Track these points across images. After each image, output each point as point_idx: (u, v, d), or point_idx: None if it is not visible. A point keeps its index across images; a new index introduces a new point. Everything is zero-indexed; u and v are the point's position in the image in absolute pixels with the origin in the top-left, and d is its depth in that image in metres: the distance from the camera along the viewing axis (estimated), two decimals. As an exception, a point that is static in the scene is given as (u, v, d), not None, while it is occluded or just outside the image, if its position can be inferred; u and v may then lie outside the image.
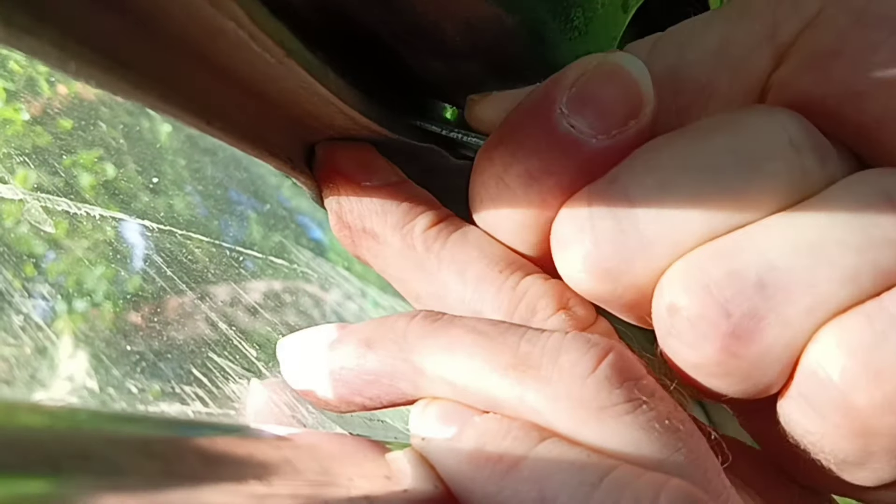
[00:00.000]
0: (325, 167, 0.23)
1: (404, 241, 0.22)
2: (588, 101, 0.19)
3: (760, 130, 0.18)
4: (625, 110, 0.19)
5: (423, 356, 0.19)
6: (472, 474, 0.17)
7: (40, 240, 0.29)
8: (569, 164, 0.20)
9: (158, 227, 0.35)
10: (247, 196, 0.46)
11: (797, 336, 0.17)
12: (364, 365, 0.19)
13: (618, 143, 0.19)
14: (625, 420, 0.17)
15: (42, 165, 0.31)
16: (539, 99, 0.20)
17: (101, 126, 0.37)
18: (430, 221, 0.22)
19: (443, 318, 0.19)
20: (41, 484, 0.10)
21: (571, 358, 0.17)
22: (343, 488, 0.16)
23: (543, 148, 0.20)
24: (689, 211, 0.18)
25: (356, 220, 0.23)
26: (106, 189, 0.35)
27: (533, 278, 0.21)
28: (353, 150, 0.23)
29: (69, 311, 0.31)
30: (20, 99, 0.34)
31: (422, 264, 0.22)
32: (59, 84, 0.36)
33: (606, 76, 0.19)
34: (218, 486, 0.13)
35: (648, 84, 0.19)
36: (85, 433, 0.12)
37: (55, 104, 0.35)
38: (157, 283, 0.32)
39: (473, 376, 0.18)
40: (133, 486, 0.12)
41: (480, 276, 0.21)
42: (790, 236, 0.17)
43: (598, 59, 0.20)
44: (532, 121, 0.20)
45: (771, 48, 0.20)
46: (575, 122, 0.19)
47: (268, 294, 0.41)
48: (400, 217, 0.22)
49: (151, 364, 0.28)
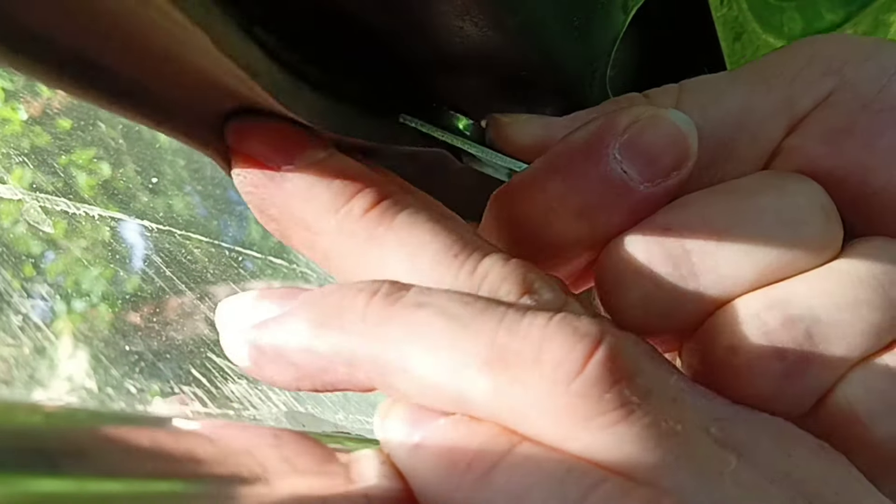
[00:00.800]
0: (236, 152, 0.20)
1: (341, 226, 0.19)
2: (640, 150, 0.21)
3: (799, 196, 0.21)
4: (672, 162, 0.21)
5: (385, 344, 0.17)
6: (440, 484, 0.16)
7: (39, 240, 0.29)
8: (620, 206, 0.21)
9: (158, 227, 0.35)
10: (246, 196, 0.46)
11: (833, 376, 0.20)
12: (317, 348, 0.17)
13: (660, 190, 0.21)
14: (615, 430, 0.16)
15: (41, 165, 0.31)
16: (593, 140, 0.21)
17: (99, 126, 0.37)
18: (370, 201, 0.20)
19: (408, 295, 0.17)
20: (48, 483, 0.10)
21: (555, 356, 0.16)
22: (288, 486, 0.15)
23: (597, 188, 0.21)
24: (740, 261, 0.21)
25: (281, 211, 0.20)
26: (105, 189, 0.35)
27: (491, 260, 0.19)
28: (267, 129, 0.20)
29: (68, 311, 0.30)
30: (19, 99, 0.34)
31: (365, 253, 0.19)
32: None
33: (659, 129, 0.21)
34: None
35: (695, 140, 0.21)
36: (84, 432, 0.12)
37: (54, 104, 0.35)
38: (157, 284, 0.32)
39: (443, 371, 0.16)
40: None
41: (433, 261, 0.19)
42: (830, 294, 0.20)
43: (650, 111, 0.21)
44: (586, 161, 0.21)
45: (786, 119, 0.23)
46: (627, 168, 0.21)
47: (267, 294, 0.41)
48: (331, 199, 0.20)
49: (150, 364, 0.28)
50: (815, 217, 0.21)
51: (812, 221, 0.21)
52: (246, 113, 0.20)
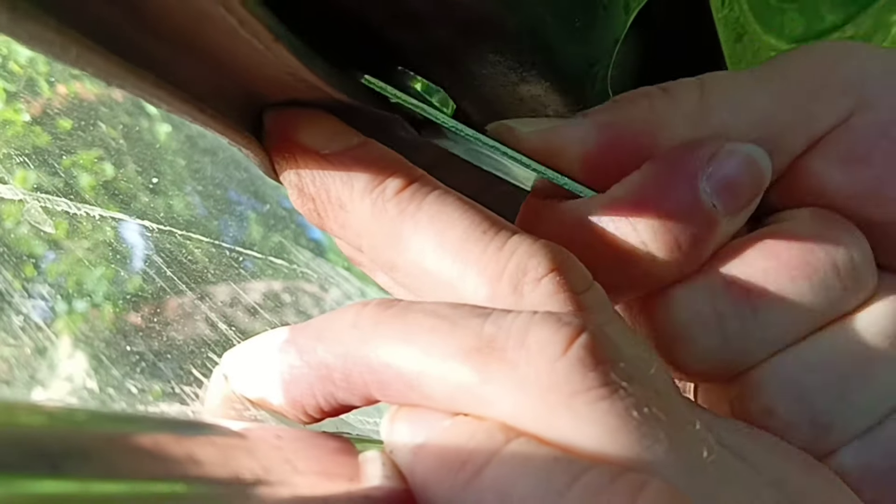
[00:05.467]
0: (277, 138, 0.22)
1: (374, 205, 0.20)
2: (726, 182, 0.22)
3: (854, 249, 0.22)
4: (751, 195, 0.22)
5: (376, 346, 0.17)
6: (437, 484, 0.16)
7: (40, 240, 0.29)
8: (708, 239, 0.22)
9: (158, 227, 0.35)
10: (246, 196, 0.46)
11: (853, 436, 0.21)
12: (313, 358, 0.18)
13: (736, 223, 0.22)
14: (599, 407, 0.16)
15: (41, 166, 0.31)
16: (680, 170, 0.22)
17: (100, 126, 0.37)
18: (403, 182, 0.20)
19: (398, 305, 0.18)
20: (49, 484, 0.10)
21: (540, 338, 0.16)
22: (289, 486, 0.15)
23: (693, 220, 0.21)
24: (800, 316, 0.21)
25: (319, 190, 0.21)
26: (105, 189, 0.35)
27: (521, 237, 0.19)
28: (307, 116, 0.22)
29: (69, 311, 0.30)
30: (20, 99, 0.34)
31: (396, 230, 0.20)
32: (58, 84, 0.36)
33: (741, 163, 0.22)
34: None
35: (769, 174, 0.22)
36: (84, 433, 0.12)
37: (55, 104, 0.35)
38: (157, 284, 0.32)
39: (432, 363, 0.16)
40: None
41: (462, 237, 0.19)
42: (864, 350, 0.21)
43: (731, 145, 0.22)
44: (679, 190, 0.22)
45: (805, 136, 0.23)
46: (715, 201, 0.21)
47: (267, 294, 0.41)
48: (368, 181, 0.21)
49: (151, 364, 0.28)
50: (867, 268, 0.22)
51: (864, 273, 0.22)
52: (281, 105, 0.22)
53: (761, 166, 0.22)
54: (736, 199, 0.22)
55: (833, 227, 0.22)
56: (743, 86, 0.23)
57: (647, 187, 0.22)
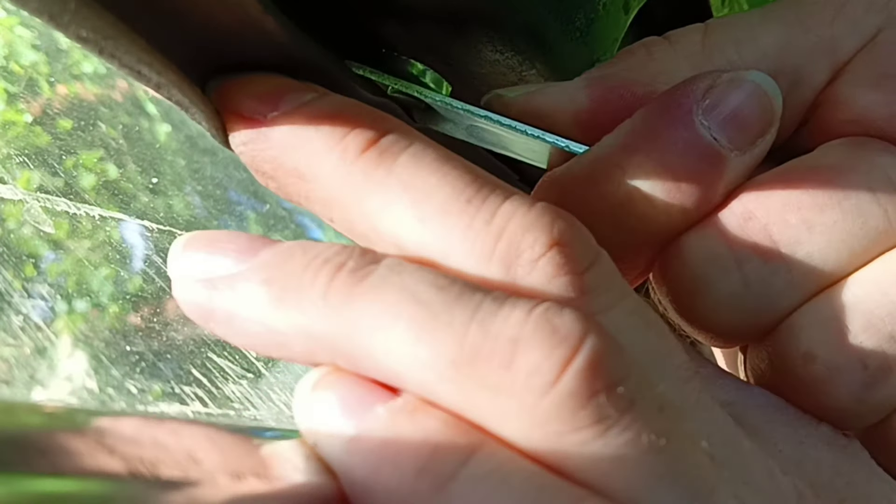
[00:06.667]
0: (225, 112, 0.18)
1: (336, 170, 0.17)
2: (727, 113, 0.19)
3: (890, 169, 0.19)
4: (761, 127, 0.19)
5: (347, 329, 0.15)
6: (385, 492, 0.14)
7: (40, 240, 0.29)
8: (714, 178, 0.19)
9: (158, 227, 0.35)
10: (246, 196, 0.46)
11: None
12: (273, 323, 0.15)
13: (749, 160, 0.19)
14: (591, 447, 0.14)
15: (42, 166, 0.31)
16: (671, 106, 0.19)
17: (100, 126, 0.37)
18: (367, 140, 0.17)
19: (377, 272, 0.15)
20: (48, 483, 0.10)
21: (530, 362, 0.14)
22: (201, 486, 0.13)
23: (690, 159, 0.19)
24: (834, 250, 0.19)
25: (273, 165, 0.17)
26: (106, 189, 0.35)
27: (512, 204, 0.16)
28: (251, 83, 0.18)
29: (69, 311, 0.31)
30: (20, 99, 0.34)
31: (365, 201, 0.17)
32: (58, 85, 0.36)
33: (742, 91, 0.19)
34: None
35: (780, 103, 0.20)
36: (85, 433, 0.12)
37: (55, 104, 0.35)
38: (157, 284, 0.32)
39: (408, 367, 0.14)
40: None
41: (442, 210, 0.16)
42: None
43: (727, 74, 0.20)
44: (672, 128, 0.19)
45: (829, 62, 0.21)
46: (717, 135, 0.19)
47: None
48: (323, 142, 0.17)
49: (151, 364, 0.28)
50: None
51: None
52: (230, 71, 0.18)
53: (769, 93, 0.19)
54: (743, 131, 0.19)
55: (865, 147, 0.20)
56: (750, 21, 0.21)
57: (638, 131, 0.20)
